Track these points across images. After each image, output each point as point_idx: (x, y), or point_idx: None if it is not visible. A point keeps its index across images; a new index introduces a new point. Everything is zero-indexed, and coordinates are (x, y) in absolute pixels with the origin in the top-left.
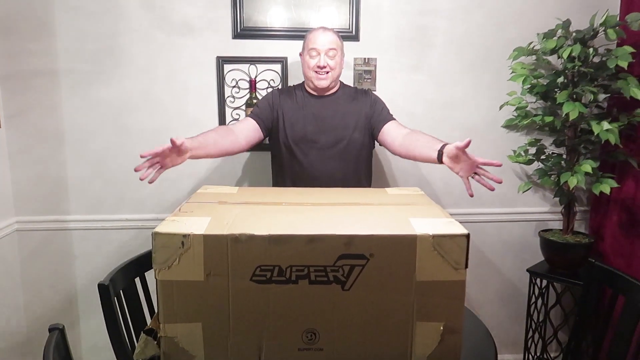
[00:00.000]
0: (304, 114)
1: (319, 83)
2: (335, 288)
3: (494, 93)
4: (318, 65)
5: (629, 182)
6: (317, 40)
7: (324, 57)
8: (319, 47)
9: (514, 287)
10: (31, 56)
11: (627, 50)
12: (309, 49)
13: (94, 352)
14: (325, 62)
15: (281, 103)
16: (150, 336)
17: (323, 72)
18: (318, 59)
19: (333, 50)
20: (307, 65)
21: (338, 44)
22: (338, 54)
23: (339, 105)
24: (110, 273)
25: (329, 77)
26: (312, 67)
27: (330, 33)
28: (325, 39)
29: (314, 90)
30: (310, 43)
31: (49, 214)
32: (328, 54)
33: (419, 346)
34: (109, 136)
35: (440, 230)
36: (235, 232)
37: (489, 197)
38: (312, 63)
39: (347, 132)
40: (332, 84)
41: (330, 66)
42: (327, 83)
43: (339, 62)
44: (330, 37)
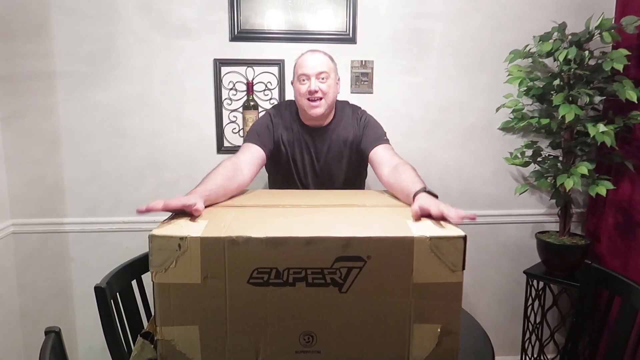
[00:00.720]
0: (301, 148)
1: (313, 112)
2: (332, 290)
3: (491, 95)
4: (309, 91)
5: (625, 184)
6: (305, 64)
7: (314, 81)
8: (308, 71)
9: (510, 289)
10: (28, 58)
11: (623, 53)
12: (298, 75)
13: (90, 355)
14: (317, 86)
15: (279, 131)
16: (147, 339)
17: (316, 99)
18: (308, 84)
19: (324, 73)
20: (298, 92)
21: (330, 66)
22: (330, 76)
23: (334, 140)
24: (107, 276)
25: (322, 104)
26: (304, 94)
27: (320, 55)
28: (315, 62)
29: (309, 120)
30: (299, 69)
31: (45, 217)
32: (319, 77)
33: (416, 348)
34: (105, 138)
35: (437, 232)
36: (232, 234)
37: (486, 199)
38: (302, 89)
39: (343, 168)
40: (327, 111)
41: (323, 90)
42: (321, 111)
43: (332, 85)
44: (320, 59)
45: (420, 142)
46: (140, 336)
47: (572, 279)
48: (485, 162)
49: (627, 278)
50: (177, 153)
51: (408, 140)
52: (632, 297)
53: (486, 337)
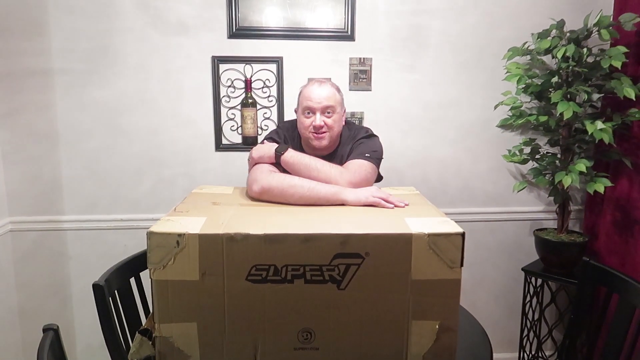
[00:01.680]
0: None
1: (317, 143)
2: (330, 287)
3: (489, 93)
4: (314, 126)
5: (623, 181)
6: (311, 96)
7: (319, 117)
8: (314, 105)
9: (509, 286)
10: (25, 55)
11: (621, 50)
12: (303, 107)
13: (88, 353)
14: (322, 121)
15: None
16: (145, 336)
17: (321, 132)
18: (313, 119)
19: (330, 108)
20: (302, 125)
21: (336, 99)
22: (337, 110)
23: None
24: (105, 273)
25: (327, 137)
26: (308, 128)
27: (327, 88)
28: (321, 95)
29: (312, 150)
30: (304, 100)
31: (42, 215)
32: (324, 112)
33: (414, 345)
34: (103, 136)
35: (435, 229)
36: (231, 231)
37: (484, 196)
38: (307, 123)
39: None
40: (331, 143)
41: (328, 125)
42: (325, 143)
43: (338, 120)
44: (327, 92)
45: (418, 139)
46: (138, 333)
47: (570, 276)
48: (484, 160)
49: (625, 275)
50: (175, 150)
51: (406, 137)
52: (629, 294)
53: (484, 333)
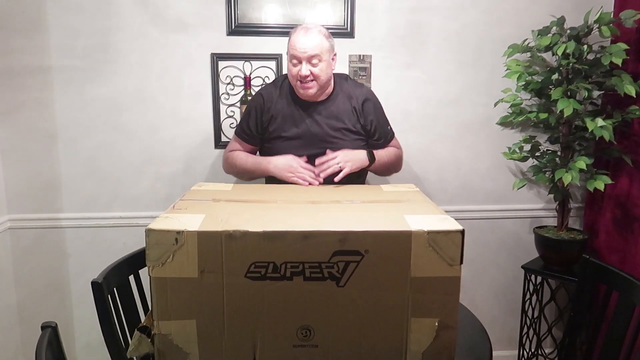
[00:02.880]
0: (295, 122)
1: (304, 92)
2: (330, 284)
3: (489, 90)
4: (300, 75)
5: (623, 179)
6: (297, 45)
7: (305, 66)
8: (300, 54)
9: (508, 284)
10: (23, 53)
11: (621, 47)
12: (290, 55)
13: (87, 350)
14: (307, 70)
15: (271, 110)
16: (144, 333)
17: (307, 81)
18: (299, 68)
19: (316, 57)
20: (290, 73)
21: (323, 47)
22: (323, 58)
23: (334, 111)
24: (104, 271)
25: (314, 86)
26: (295, 77)
27: (314, 35)
28: (307, 44)
29: (302, 96)
30: (291, 48)
31: (41, 212)
32: (311, 61)
33: (413, 342)
34: (102, 133)
35: (435, 227)
36: (230, 228)
37: (484, 193)
38: (293, 72)
39: (342, 142)
40: (320, 91)
41: (314, 74)
42: (313, 92)
43: (325, 68)
44: (313, 41)
45: (418, 137)
46: (137, 330)
47: (569, 274)
48: (484, 157)
49: (625, 272)
50: (174, 148)
51: (406, 135)
52: (629, 291)
53: (484, 331)
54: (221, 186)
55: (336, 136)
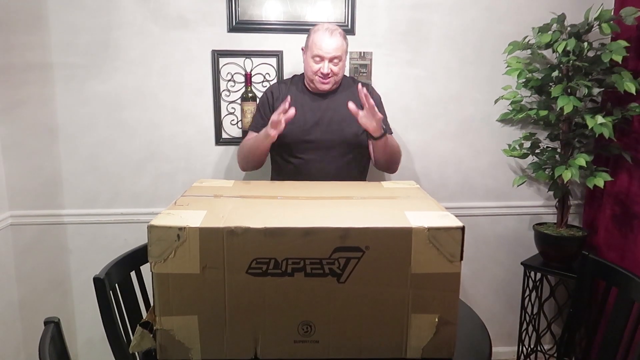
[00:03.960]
0: (303, 114)
1: (321, 87)
2: (330, 281)
3: (489, 87)
4: (322, 73)
5: (623, 176)
6: (322, 46)
7: (327, 64)
8: (324, 54)
9: (508, 280)
10: (24, 49)
11: (621, 45)
12: (312, 53)
13: (89, 346)
14: (329, 69)
15: (279, 100)
16: (146, 329)
17: (327, 77)
18: (322, 66)
19: (338, 57)
20: (309, 67)
21: (343, 49)
22: (343, 58)
23: (338, 105)
24: (106, 267)
25: (331, 82)
26: (315, 72)
27: (337, 38)
28: (331, 46)
29: (314, 89)
30: (315, 47)
31: (43, 209)
32: (332, 61)
33: (414, 338)
34: (103, 130)
35: (435, 223)
36: (231, 225)
37: (484, 190)
38: (315, 68)
39: (346, 134)
40: (335, 86)
41: (334, 72)
42: (329, 87)
43: (343, 67)
44: (337, 43)
45: (418, 134)
46: (139, 326)
47: (569, 270)
48: (484, 154)
49: (624, 269)
50: (175, 145)
51: (406, 132)
52: (628, 288)
53: (483, 327)
54: (222, 182)
55: (343, 122)
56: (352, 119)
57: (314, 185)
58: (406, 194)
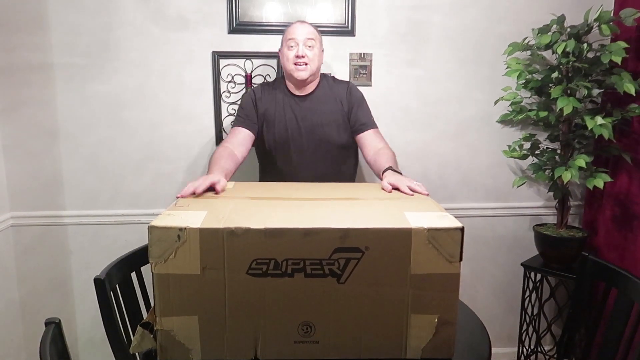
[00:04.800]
0: (286, 116)
1: (299, 75)
2: (330, 281)
3: (489, 88)
4: (296, 55)
5: (623, 177)
6: (295, 31)
7: (302, 47)
8: (297, 37)
9: (508, 281)
10: (25, 50)
11: (621, 46)
12: (287, 41)
13: (89, 346)
14: (304, 52)
15: (263, 102)
16: (146, 329)
17: (302, 63)
18: (296, 49)
19: (311, 40)
20: (286, 57)
21: (316, 36)
22: (316, 45)
23: (321, 105)
24: (106, 267)
25: (308, 69)
26: (291, 59)
27: (308, 25)
28: (303, 30)
29: (295, 86)
30: (288, 35)
31: (43, 209)
32: (306, 44)
33: (413, 338)
34: (103, 131)
35: (435, 224)
36: (231, 225)
37: (484, 191)
38: (290, 55)
39: (330, 134)
40: (311, 78)
41: (309, 57)
42: (306, 75)
43: (318, 54)
44: (308, 28)
45: (418, 134)
46: (140, 326)
47: (569, 271)
48: (484, 155)
49: (624, 270)
50: (176, 145)
51: (406, 132)
52: (628, 288)
53: (483, 328)
54: None
55: (326, 124)
56: (334, 121)
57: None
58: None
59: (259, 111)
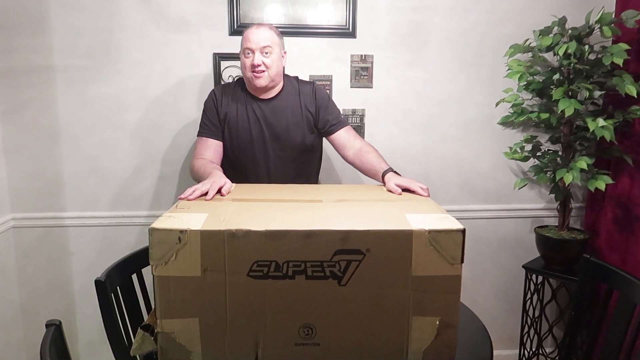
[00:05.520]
0: (249, 118)
1: (257, 82)
2: (331, 283)
3: (490, 90)
4: (252, 64)
5: (624, 179)
6: (250, 37)
7: (258, 55)
8: (252, 45)
9: (509, 283)
10: (26, 52)
11: (622, 48)
12: (243, 49)
13: (91, 348)
14: (260, 60)
15: (225, 105)
16: (147, 332)
17: (259, 71)
18: (252, 58)
19: (268, 47)
20: (243, 65)
21: (274, 40)
22: (275, 50)
23: (284, 107)
24: (107, 269)
25: (265, 76)
26: (248, 67)
27: (265, 29)
28: (259, 37)
29: (254, 91)
30: (244, 42)
31: (44, 211)
32: (263, 52)
33: (415, 341)
34: (104, 132)
35: (436, 226)
36: (232, 227)
37: (485, 193)
38: (247, 63)
39: (294, 136)
40: (272, 84)
41: (266, 64)
42: (264, 82)
43: (276, 60)
44: (264, 33)
45: (419, 136)
46: (140, 329)
47: (570, 273)
48: (485, 157)
49: (626, 272)
50: (176, 147)
51: (407, 134)
52: (630, 291)
53: (485, 330)
54: None
55: (290, 127)
56: (298, 123)
57: (314, 187)
58: (407, 197)
59: (220, 116)
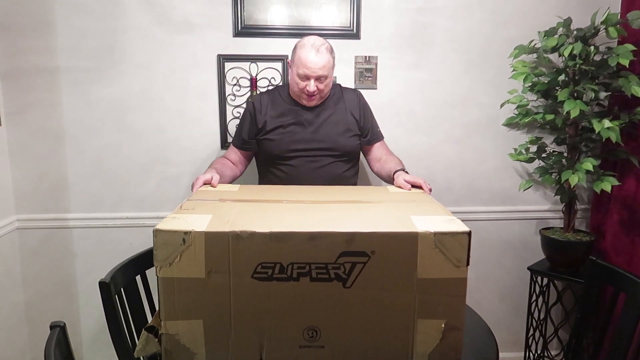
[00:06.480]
0: (290, 124)
1: (307, 103)
2: (336, 285)
3: (495, 91)
4: (307, 91)
5: (630, 180)
6: (308, 64)
7: (313, 83)
8: (310, 73)
9: (514, 285)
10: (31, 54)
11: (628, 48)
12: (298, 71)
13: (94, 350)
14: (315, 87)
15: (266, 112)
16: (151, 333)
17: (313, 97)
18: (307, 84)
19: (324, 76)
20: (296, 84)
21: (330, 67)
22: (329, 75)
23: (327, 113)
24: (111, 271)
25: (317, 98)
26: (302, 90)
27: (323, 54)
28: (317, 65)
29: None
30: (300, 65)
31: (49, 212)
32: (318, 79)
33: (420, 343)
34: (109, 134)
35: (441, 228)
36: (237, 229)
37: (490, 195)
38: (301, 86)
39: (336, 142)
40: (320, 101)
41: (319, 89)
42: (315, 103)
43: (329, 83)
44: (323, 61)
45: (424, 137)
46: (144, 330)
47: (576, 275)
48: (490, 158)
49: (632, 274)
50: (181, 149)
51: (411, 135)
52: (636, 293)
53: (490, 333)
54: (228, 187)
55: (332, 132)
56: (341, 129)
57: (320, 189)
58: (412, 198)
59: (258, 125)
